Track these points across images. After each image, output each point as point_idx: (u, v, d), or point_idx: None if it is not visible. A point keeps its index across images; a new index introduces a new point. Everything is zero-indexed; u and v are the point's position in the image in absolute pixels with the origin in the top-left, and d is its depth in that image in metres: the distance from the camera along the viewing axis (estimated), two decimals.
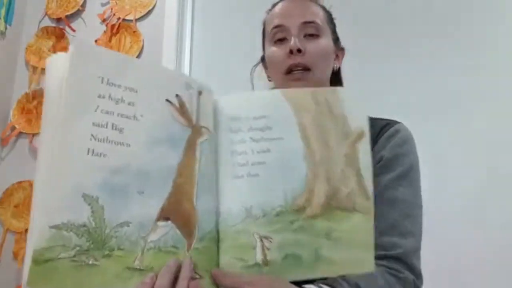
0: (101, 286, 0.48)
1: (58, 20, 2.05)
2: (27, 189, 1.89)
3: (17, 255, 1.83)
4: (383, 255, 0.71)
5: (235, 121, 0.61)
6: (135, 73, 0.54)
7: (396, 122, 0.84)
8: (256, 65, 0.97)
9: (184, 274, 0.52)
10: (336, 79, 0.95)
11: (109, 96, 0.51)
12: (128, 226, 0.50)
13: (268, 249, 0.56)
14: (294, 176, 0.59)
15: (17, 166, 1.94)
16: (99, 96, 0.50)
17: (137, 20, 1.95)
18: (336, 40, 0.90)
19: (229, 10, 1.97)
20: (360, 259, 0.58)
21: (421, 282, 0.73)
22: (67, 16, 2.03)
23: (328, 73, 0.87)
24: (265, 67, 0.96)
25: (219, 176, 0.60)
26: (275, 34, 0.85)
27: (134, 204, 0.50)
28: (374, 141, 0.81)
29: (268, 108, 0.61)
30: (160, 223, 0.52)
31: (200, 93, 0.59)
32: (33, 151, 1.93)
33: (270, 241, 0.57)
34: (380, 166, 0.78)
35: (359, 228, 0.58)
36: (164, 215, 0.53)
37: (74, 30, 2.02)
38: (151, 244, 0.51)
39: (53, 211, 0.46)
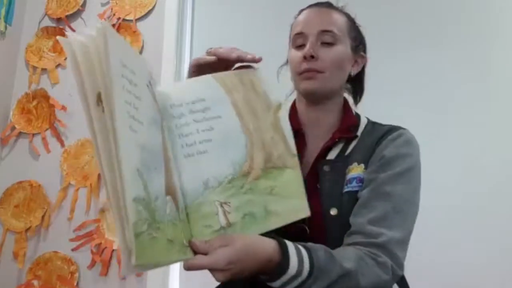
0: (163, 260, 0.51)
1: (58, 20, 2.05)
2: (27, 189, 1.89)
3: (17, 255, 1.83)
4: (367, 242, 0.74)
5: (176, 108, 0.66)
6: (131, 56, 0.56)
7: (400, 127, 0.90)
8: (282, 66, 1.03)
9: None
10: (355, 84, 1.00)
11: (125, 76, 0.51)
12: (157, 200, 0.52)
13: (228, 212, 0.65)
14: (237, 147, 0.67)
15: (17, 166, 1.94)
16: (122, 76, 0.50)
17: (137, 20, 1.96)
18: (356, 47, 0.94)
19: (229, 10, 1.97)
20: (297, 207, 0.68)
21: (401, 270, 0.76)
22: (67, 16, 2.03)
23: (341, 78, 0.92)
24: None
25: (173, 157, 0.65)
26: (296, 40, 0.92)
27: (155, 179, 0.52)
28: (378, 142, 0.86)
29: (203, 91, 0.68)
30: (168, 198, 0.55)
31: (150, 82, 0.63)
32: (33, 151, 1.94)
33: (229, 205, 0.65)
34: (381, 164, 0.82)
35: (291, 180, 0.69)
36: (167, 191, 0.56)
37: (74, 30, 2.02)
38: (169, 217, 0.54)
39: (130, 185, 0.47)
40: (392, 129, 0.89)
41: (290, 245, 0.66)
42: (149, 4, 1.95)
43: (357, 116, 0.95)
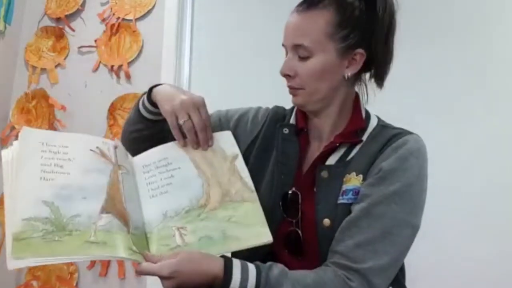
0: (68, 253, 0.68)
1: (58, 19, 2.05)
2: None
3: None
4: (346, 266, 0.72)
5: (145, 167, 0.86)
6: (65, 138, 0.85)
7: (408, 133, 0.84)
8: None
9: None
10: (355, 81, 0.90)
11: (49, 150, 0.81)
12: (80, 217, 0.73)
13: (185, 235, 0.76)
14: (194, 187, 0.82)
15: None
16: (42, 151, 0.80)
17: (137, 19, 1.95)
18: (348, 46, 0.83)
19: (229, 10, 1.97)
20: (259, 233, 0.76)
21: None
22: (66, 16, 2.02)
23: (328, 87, 0.84)
24: None
25: (140, 198, 0.83)
26: (284, 50, 0.88)
27: (80, 205, 0.75)
28: (381, 150, 0.81)
29: (166, 153, 0.87)
30: (103, 215, 0.75)
31: (115, 147, 0.87)
32: None
33: (185, 229, 0.76)
34: (378, 178, 0.78)
35: (250, 211, 0.79)
36: (105, 210, 0.76)
37: (73, 30, 2.02)
38: (100, 227, 0.72)
39: (22, 210, 0.70)
40: (397, 134, 0.83)
41: (236, 264, 0.71)
42: (149, 4, 1.95)
43: (367, 118, 0.89)
